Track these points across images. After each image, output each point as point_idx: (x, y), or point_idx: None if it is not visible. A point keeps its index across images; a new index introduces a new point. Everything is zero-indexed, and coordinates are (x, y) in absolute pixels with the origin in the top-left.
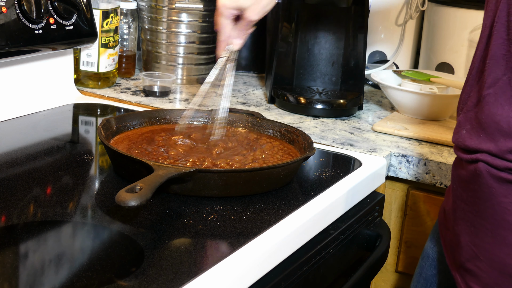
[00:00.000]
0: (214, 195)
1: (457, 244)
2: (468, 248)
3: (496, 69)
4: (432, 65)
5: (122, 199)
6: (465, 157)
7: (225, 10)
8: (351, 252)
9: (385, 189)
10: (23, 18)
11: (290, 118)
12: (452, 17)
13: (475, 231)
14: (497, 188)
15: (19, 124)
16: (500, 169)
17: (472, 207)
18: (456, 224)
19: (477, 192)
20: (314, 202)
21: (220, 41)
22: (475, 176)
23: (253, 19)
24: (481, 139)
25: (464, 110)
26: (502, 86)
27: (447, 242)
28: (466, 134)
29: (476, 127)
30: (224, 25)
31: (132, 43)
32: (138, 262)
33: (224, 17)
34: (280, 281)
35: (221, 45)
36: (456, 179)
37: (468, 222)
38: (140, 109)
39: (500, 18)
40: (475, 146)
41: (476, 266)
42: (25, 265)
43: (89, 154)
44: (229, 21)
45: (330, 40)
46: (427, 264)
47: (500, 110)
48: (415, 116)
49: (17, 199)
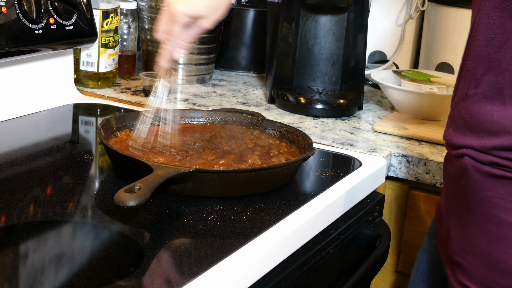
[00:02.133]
0: (214, 195)
1: (448, 239)
2: (458, 242)
3: (478, 70)
4: (432, 65)
5: (120, 199)
6: (453, 153)
7: (181, 17)
8: (351, 252)
9: (385, 189)
10: (23, 18)
11: (290, 118)
12: (452, 17)
13: (463, 225)
14: (482, 182)
15: (19, 124)
16: (484, 163)
17: (461, 201)
18: (447, 219)
19: (465, 187)
20: (314, 202)
21: (166, 50)
22: (461, 171)
23: (208, 28)
24: (466, 137)
25: (452, 108)
26: (484, 86)
27: (441, 237)
28: (453, 132)
29: (461, 125)
30: (177, 33)
31: (132, 43)
32: (138, 262)
33: (178, 25)
34: (280, 281)
35: (167, 54)
36: (446, 175)
37: (457, 216)
38: (140, 109)
39: (480, 19)
40: (461, 143)
41: (464, 260)
42: (25, 265)
43: (89, 154)
44: (182, 29)
45: (330, 40)
46: (424, 258)
47: (483, 110)
48: (415, 116)
49: (17, 199)
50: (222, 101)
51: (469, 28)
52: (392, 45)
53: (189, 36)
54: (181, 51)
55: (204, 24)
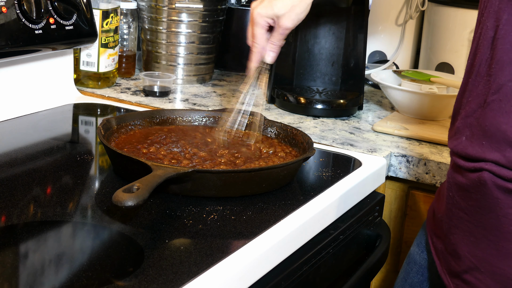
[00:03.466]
0: (213, 195)
1: (453, 254)
2: (467, 259)
3: (501, 75)
4: (432, 65)
5: (119, 199)
6: (466, 165)
7: (261, 19)
8: (351, 252)
9: (385, 189)
10: (23, 18)
11: (290, 118)
12: (452, 17)
13: (475, 241)
14: (503, 199)
15: (19, 124)
16: (507, 179)
17: (472, 216)
18: (451, 232)
19: (480, 202)
20: (314, 202)
21: (254, 53)
22: (478, 186)
23: (288, 26)
24: (484, 147)
25: (463, 115)
26: (507, 93)
27: (438, 250)
28: (467, 141)
29: (477, 134)
30: (260, 35)
31: (132, 43)
32: (138, 262)
33: (259, 27)
34: (280, 281)
35: (255, 57)
36: (453, 186)
37: (467, 232)
38: (140, 109)
39: (508, 21)
40: (478, 155)
41: (475, 278)
42: (25, 265)
43: (89, 154)
44: (264, 31)
45: (330, 40)
46: (414, 270)
47: (506, 119)
48: (415, 116)
49: (17, 199)
50: (222, 101)
51: (481, 29)
52: (392, 45)
53: (275, 38)
54: (270, 53)
55: (285, 23)
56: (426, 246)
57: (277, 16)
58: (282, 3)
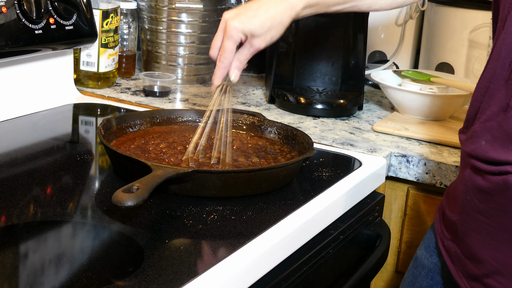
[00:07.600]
0: (213, 195)
1: (471, 257)
2: (487, 263)
3: None
4: (432, 65)
5: (118, 199)
6: (489, 168)
7: (236, 33)
8: (351, 252)
9: (385, 189)
10: (23, 18)
11: (290, 118)
12: (452, 17)
13: (496, 244)
14: None
15: (19, 124)
16: None
17: (493, 219)
18: (468, 236)
19: (503, 205)
20: (314, 202)
21: (220, 68)
22: (502, 189)
23: (261, 47)
24: (509, 150)
25: (482, 120)
26: None
27: (451, 253)
28: (488, 145)
29: (500, 137)
30: (230, 50)
31: (132, 43)
32: (138, 262)
33: (232, 41)
34: (280, 281)
35: (220, 72)
36: (471, 190)
37: (487, 235)
38: (140, 109)
39: None
40: (503, 158)
41: (498, 282)
42: (25, 265)
43: (89, 154)
44: (235, 46)
45: (330, 40)
46: (422, 274)
47: None
48: (415, 116)
49: (17, 199)
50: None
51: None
52: (392, 45)
53: (243, 56)
54: (235, 71)
55: (257, 43)
56: (434, 250)
57: (252, 34)
58: (260, 22)
